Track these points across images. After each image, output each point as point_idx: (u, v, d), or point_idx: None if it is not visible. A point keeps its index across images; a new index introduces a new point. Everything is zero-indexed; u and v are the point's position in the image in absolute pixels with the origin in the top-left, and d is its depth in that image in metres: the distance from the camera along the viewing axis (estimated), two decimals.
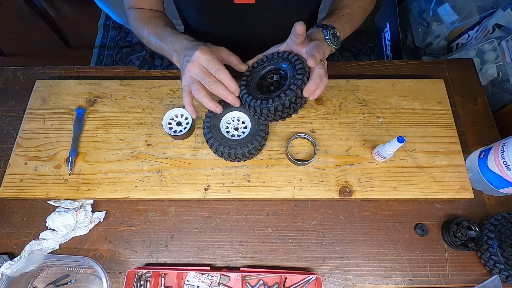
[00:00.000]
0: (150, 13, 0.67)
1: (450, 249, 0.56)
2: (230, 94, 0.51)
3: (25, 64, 0.76)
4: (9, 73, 0.73)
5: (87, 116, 0.64)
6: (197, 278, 0.53)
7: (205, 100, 0.51)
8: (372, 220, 0.58)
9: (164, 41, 0.58)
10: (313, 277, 0.53)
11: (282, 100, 0.48)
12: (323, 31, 0.56)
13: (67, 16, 1.89)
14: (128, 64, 1.70)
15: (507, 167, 0.51)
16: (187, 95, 0.53)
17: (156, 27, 0.62)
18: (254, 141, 0.54)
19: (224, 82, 0.50)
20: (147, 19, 0.65)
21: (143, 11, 0.67)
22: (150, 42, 0.62)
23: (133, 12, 0.67)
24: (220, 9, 0.65)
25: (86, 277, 0.55)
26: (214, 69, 0.50)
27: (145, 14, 0.67)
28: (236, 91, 0.51)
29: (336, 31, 0.57)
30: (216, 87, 0.50)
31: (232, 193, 0.57)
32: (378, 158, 0.58)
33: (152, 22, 0.64)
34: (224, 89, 0.50)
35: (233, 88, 0.51)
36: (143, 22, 0.64)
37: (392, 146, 0.52)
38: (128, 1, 0.69)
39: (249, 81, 0.54)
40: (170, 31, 0.60)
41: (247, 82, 0.54)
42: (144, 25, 0.64)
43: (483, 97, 0.68)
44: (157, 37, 0.60)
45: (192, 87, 0.51)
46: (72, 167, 0.59)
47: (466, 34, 1.23)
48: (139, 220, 0.59)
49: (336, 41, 0.56)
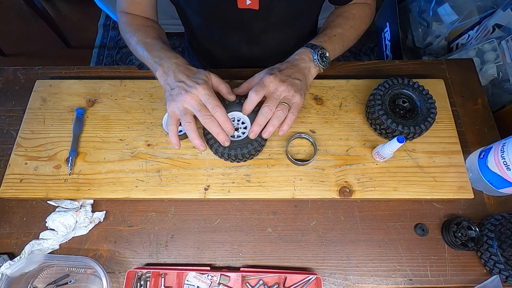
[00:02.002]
0: (142, 20, 0.66)
1: (450, 249, 0.56)
2: (222, 132, 0.50)
3: (25, 64, 0.77)
4: (9, 73, 0.73)
5: (87, 116, 0.64)
6: (197, 278, 0.53)
7: (193, 135, 0.50)
8: (372, 220, 0.58)
9: (151, 53, 0.57)
10: (313, 277, 0.53)
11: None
12: (311, 52, 0.57)
13: (67, 16, 1.89)
14: (128, 64, 1.70)
15: (507, 167, 0.51)
16: (174, 124, 0.52)
17: (146, 37, 0.61)
18: (254, 141, 0.54)
19: (219, 120, 0.50)
20: (138, 26, 0.64)
21: (134, 17, 0.66)
22: (136, 50, 0.61)
23: (124, 16, 0.66)
24: (223, 14, 0.64)
25: (86, 277, 0.55)
26: (211, 105, 0.50)
27: (138, 21, 0.66)
28: (230, 131, 0.51)
29: (325, 52, 0.58)
30: (211, 122, 0.50)
31: (232, 193, 0.57)
32: (378, 158, 0.58)
33: (144, 30, 0.63)
34: (218, 126, 0.50)
35: (227, 128, 0.51)
36: (134, 29, 0.63)
37: (392, 146, 0.52)
38: (120, 5, 0.68)
39: None
40: (161, 45, 0.59)
41: None
42: (135, 31, 0.63)
43: (483, 97, 0.68)
44: (145, 47, 0.59)
45: (184, 118, 0.50)
46: (72, 167, 0.59)
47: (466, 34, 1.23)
48: (139, 220, 0.59)
49: (324, 61, 0.57)
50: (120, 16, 0.67)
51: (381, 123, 0.57)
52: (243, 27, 0.66)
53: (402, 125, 0.56)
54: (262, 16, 0.63)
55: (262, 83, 0.52)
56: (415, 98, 0.59)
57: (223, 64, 0.81)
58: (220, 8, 0.63)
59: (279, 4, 0.61)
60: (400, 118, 0.57)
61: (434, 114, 0.57)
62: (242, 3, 0.60)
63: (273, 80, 0.52)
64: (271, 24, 0.66)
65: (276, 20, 0.65)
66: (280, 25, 0.67)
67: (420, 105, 0.58)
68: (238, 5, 0.60)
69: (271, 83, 0.52)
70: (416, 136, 0.57)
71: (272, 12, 0.63)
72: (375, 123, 0.58)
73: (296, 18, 0.68)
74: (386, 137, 0.60)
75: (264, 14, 0.62)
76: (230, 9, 0.61)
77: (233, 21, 0.65)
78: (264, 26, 0.67)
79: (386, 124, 0.56)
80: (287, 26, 0.68)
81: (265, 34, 0.69)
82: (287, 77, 0.53)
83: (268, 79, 0.52)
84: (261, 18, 0.64)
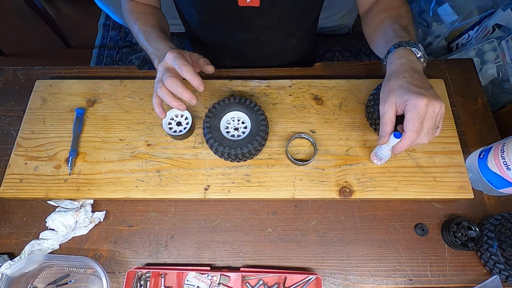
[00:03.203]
0: (144, 8, 0.66)
1: (450, 249, 0.56)
2: (185, 90, 0.48)
3: (25, 64, 0.76)
4: (9, 73, 0.73)
5: (87, 116, 0.64)
6: (197, 278, 0.53)
7: (167, 98, 0.49)
8: (372, 220, 0.58)
9: (150, 43, 0.57)
10: (313, 277, 0.53)
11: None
12: (413, 50, 0.50)
13: (67, 16, 1.89)
14: (128, 64, 1.70)
15: (507, 167, 0.51)
16: (156, 96, 0.51)
17: (146, 25, 0.61)
18: (254, 141, 0.54)
19: (187, 77, 0.49)
20: (139, 14, 0.64)
21: (137, 4, 0.66)
22: (138, 38, 0.61)
23: (127, 3, 0.66)
24: (224, 12, 0.64)
25: (86, 277, 0.55)
26: (177, 65, 0.48)
27: (139, 8, 0.65)
28: (200, 87, 0.49)
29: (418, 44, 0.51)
30: (172, 82, 0.47)
31: (232, 193, 0.57)
32: (376, 161, 0.58)
33: (144, 18, 0.63)
34: (180, 85, 0.48)
35: (196, 84, 0.49)
36: (135, 17, 0.63)
37: (389, 144, 0.51)
38: None
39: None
40: (158, 34, 0.59)
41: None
42: (135, 20, 0.62)
43: (483, 97, 0.68)
44: (144, 37, 0.59)
45: (156, 86, 0.50)
46: (72, 167, 0.59)
47: (466, 34, 1.23)
48: (139, 220, 0.59)
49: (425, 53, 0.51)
50: (124, 2, 0.67)
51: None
52: (244, 25, 0.66)
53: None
54: (263, 14, 0.63)
55: (415, 116, 0.44)
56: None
57: (224, 63, 0.81)
58: (220, 6, 0.62)
59: (280, 1, 0.61)
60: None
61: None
62: (242, 1, 0.59)
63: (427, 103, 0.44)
64: (272, 21, 0.66)
65: (277, 17, 0.65)
66: (281, 23, 0.67)
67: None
68: (238, 3, 0.60)
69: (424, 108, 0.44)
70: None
71: (273, 10, 0.63)
72: (375, 123, 0.58)
73: (297, 16, 0.68)
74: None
75: (264, 12, 0.62)
76: (230, 7, 0.61)
77: (233, 18, 0.65)
78: (264, 24, 0.67)
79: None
80: (288, 24, 0.68)
81: (266, 32, 0.69)
82: (421, 89, 0.46)
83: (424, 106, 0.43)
84: (262, 15, 0.63)
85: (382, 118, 0.47)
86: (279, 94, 0.65)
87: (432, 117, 0.45)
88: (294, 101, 0.65)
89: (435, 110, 0.45)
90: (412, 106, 0.44)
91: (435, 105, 0.44)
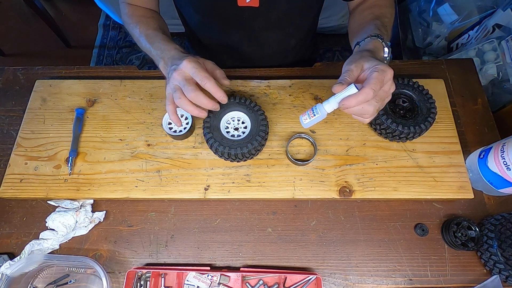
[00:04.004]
0: (144, 11, 0.66)
1: (450, 249, 0.56)
2: (210, 102, 0.49)
3: (25, 64, 0.76)
4: (9, 73, 0.73)
5: (87, 116, 0.64)
6: (197, 278, 0.53)
7: (189, 108, 0.49)
8: (372, 220, 0.58)
9: (153, 45, 0.57)
10: (313, 277, 0.53)
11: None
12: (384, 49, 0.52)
13: (67, 16, 1.89)
14: (128, 64, 1.70)
15: (507, 167, 0.51)
16: (171, 104, 0.51)
17: (148, 28, 0.61)
18: (254, 141, 0.54)
19: (211, 91, 0.49)
20: (139, 17, 0.64)
21: (136, 8, 0.66)
22: (140, 42, 0.61)
23: (127, 7, 0.66)
24: (223, 12, 0.64)
25: (86, 277, 0.55)
26: (199, 78, 0.48)
27: (138, 12, 0.65)
28: (224, 99, 0.50)
29: None
30: (196, 95, 0.48)
31: (232, 193, 0.57)
32: (306, 119, 0.48)
33: (145, 22, 0.63)
34: (204, 97, 0.48)
35: (220, 97, 0.50)
36: (136, 21, 0.63)
37: (341, 95, 0.44)
38: None
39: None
40: (161, 36, 0.59)
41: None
42: (136, 23, 0.62)
43: (483, 97, 0.68)
44: (147, 40, 0.59)
45: (175, 95, 0.49)
46: (72, 167, 0.59)
47: (466, 34, 1.23)
48: (139, 220, 0.59)
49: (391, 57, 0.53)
50: (123, 7, 0.67)
51: (381, 123, 0.57)
52: (243, 25, 0.66)
53: (402, 125, 0.56)
54: (262, 14, 0.63)
55: (380, 77, 0.43)
56: (415, 98, 0.59)
57: (224, 64, 0.80)
58: (220, 6, 0.62)
59: (279, 1, 0.61)
60: (400, 118, 0.57)
61: (434, 114, 0.57)
62: (242, 1, 0.60)
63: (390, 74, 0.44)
64: (271, 22, 0.66)
65: (276, 18, 0.65)
66: (280, 23, 0.67)
67: (420, 105, 0.58)
68: (238, 3, 0.60)
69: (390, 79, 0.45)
70: (416, 136, 0.57)
71: (272, 10, 0.63)
72: (375, 123, 0.58)
73: (296, 16, 0.68)
74: (386, 137, 0.60)
75: (264, 12, 0.62)
76: (230, 7, 0.61)
77: (233, 19, 0.65)
78: (264, 24, 0.67)
79: (386, 124, 0.56)
80: (287, 24, 0.68)
81: (265, 32, 0.69)
82: None
83: (390, 75, 0.44)
84: (261, 15, 0.64)
85: (346, 72, 0.46)
86: (279, 94, 0.65)
87: (387, 91, 0.46)
88: (294, 101, 0.65)
89: (391, 89, 0.46)
90: (381, 70, 0.44)
91: (393, 85, 0.46)
